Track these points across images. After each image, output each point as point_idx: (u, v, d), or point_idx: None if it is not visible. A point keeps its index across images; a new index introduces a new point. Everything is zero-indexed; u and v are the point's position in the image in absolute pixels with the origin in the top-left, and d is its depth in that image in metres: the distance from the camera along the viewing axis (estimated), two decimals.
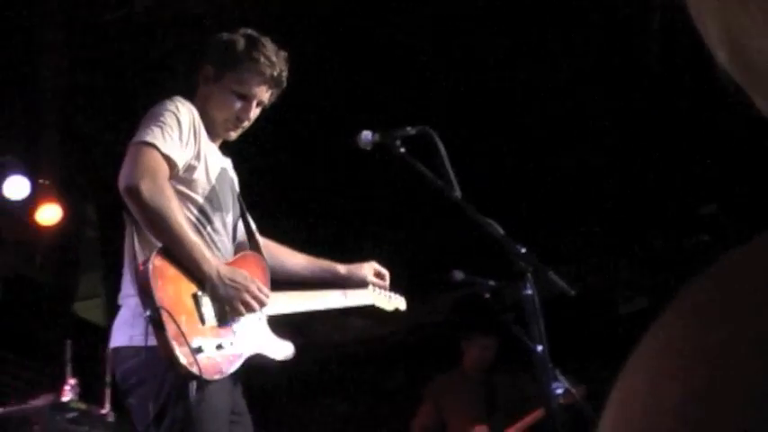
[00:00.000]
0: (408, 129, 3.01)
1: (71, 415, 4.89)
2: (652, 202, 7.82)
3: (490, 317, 7.09)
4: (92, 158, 7.45)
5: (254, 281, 2.90)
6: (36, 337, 7.69)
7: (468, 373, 6.53)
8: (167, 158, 2.82)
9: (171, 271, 2.73)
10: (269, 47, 3.11)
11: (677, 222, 8.10)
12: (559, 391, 3.69)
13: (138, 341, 2.71)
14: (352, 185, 7.34)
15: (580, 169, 7.38)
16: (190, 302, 2.74)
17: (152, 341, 2.65)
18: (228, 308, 2.84)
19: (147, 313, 2.62)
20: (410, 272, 3.74)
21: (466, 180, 2.93)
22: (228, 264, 2.94)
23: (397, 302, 3.70)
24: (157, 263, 2.69)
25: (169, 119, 2.86)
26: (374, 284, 3.50)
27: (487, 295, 4.18)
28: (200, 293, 2.78)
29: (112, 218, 8.46)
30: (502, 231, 2.83)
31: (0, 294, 7.26)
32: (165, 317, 2.60)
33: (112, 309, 9.62)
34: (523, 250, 2.79)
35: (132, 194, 2.74)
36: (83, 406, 5.01)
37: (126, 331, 2.84)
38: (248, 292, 2.84)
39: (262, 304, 2.91)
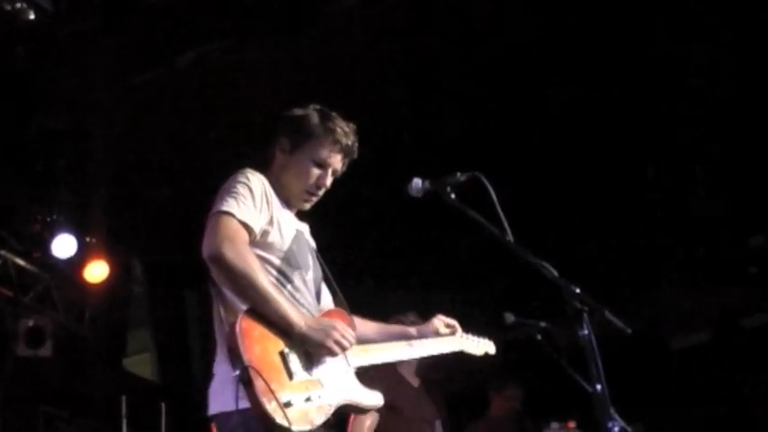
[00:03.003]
0: (458, 175, 3.00)
1: None
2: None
3: (521, 367, 7.07)
4: (139, 216, 7.53)
5: (338, 322, 3.07)
6: (88, 394, 7.74)
7: (498, 423, 6.50)
8: (244, 225, 2.97)
9: (257, 331, 2.84)
10: (340, 119, 3.28)
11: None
12: (617, 430, 3.65)
13: (229, 406, 2.84)
14: (399, 229, 7.34)
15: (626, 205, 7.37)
16: (277, 360, 2.84)
17: (242, 404, 2.76)
18: (321, 351, 2.96)
19: (237, 372, 2.73)
20: (457, 316, 3.75)
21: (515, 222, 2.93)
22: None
23: (485, 346, 3.85)
24: (244, 324, 2.81)
25: (241, 189, 3.03)
26: (446, 335, 3.66)
27: (539, 337, 4.17)
28: (286, 350, 2.88)
29: (159, 274, 8.56)
30: (556, 273, 2.81)
31: (51, 352, 7.32)
32: (253, 375, 2.70)
33: (161, 363, 9.56)
34: (578, 290, 2.77)
35: (216, 261, 2.88)
36: None
37: (218, 399, 2.96)
38: (336, 329, 2.98)
39: (349, 342, 3.03)
